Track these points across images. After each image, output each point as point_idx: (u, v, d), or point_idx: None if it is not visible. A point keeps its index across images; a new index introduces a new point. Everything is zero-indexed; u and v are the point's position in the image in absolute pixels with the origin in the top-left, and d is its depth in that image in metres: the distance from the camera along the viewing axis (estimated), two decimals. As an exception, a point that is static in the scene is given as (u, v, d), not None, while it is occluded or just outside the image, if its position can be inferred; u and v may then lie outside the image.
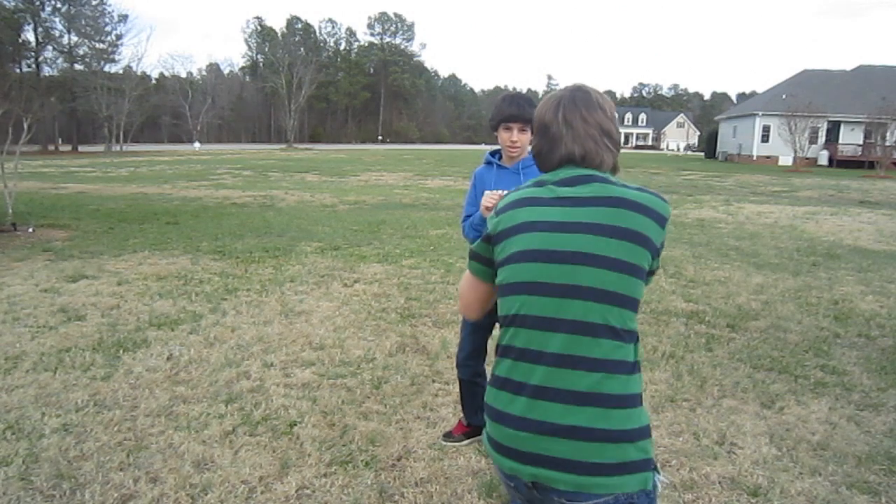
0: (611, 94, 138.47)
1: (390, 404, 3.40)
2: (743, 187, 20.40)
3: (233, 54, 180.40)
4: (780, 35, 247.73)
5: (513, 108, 2.48)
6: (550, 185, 1.36)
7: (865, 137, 37.53)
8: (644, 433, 1.28)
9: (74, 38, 50.88)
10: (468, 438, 2.96)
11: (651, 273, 1.36)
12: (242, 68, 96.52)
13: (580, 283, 1.26)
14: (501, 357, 1.36)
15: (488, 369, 2.71)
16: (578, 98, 1.39)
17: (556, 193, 1.33)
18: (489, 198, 2.35)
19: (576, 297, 1.26)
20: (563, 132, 1.38)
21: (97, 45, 51.49)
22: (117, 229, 9.16)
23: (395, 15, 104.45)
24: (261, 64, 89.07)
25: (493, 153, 2.70)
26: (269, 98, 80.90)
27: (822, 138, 39.25)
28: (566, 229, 1.29)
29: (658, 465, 1.37)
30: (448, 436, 3.01)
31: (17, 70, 47.64)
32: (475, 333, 2.82)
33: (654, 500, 1.31)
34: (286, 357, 4.05)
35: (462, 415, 3.02)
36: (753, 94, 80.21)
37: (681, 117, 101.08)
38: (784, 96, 39.34)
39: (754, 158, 40.60)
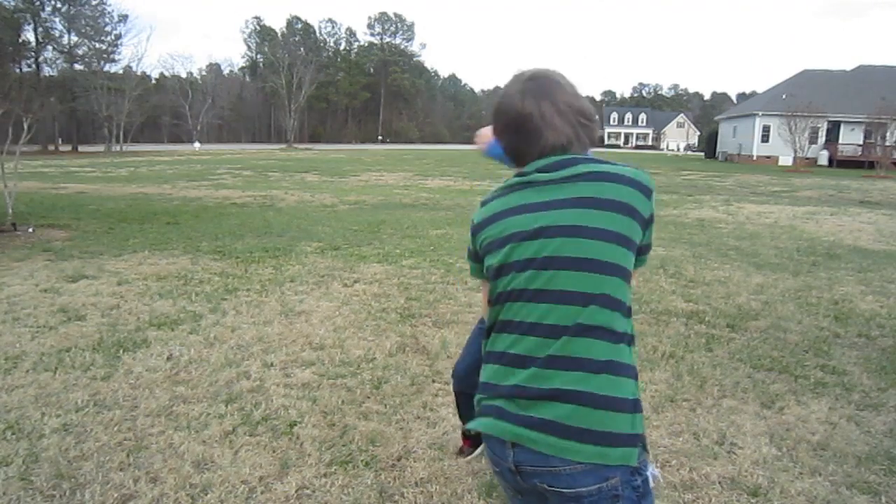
0: (611, 93, 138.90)
1: (390, 404, 3.40)
2: (743, 187, 20.40)
3: (233, 54, 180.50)
4: (780, 35, 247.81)
5: None
6: (531, 174, 1.32)
7: (865, 137, 37.55)
8: (631, 406, 1.24)
9: (74, 38, 50.92)
10: (478, 447, 2.90)
11: (644, 250, 1.34)
12: (242, 68, 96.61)
13: (570, 255, 1.25)
14: (497, 333, 1.35)
15: None
16: (543, 85, 1.33)
17: (540, 178, 1.30)
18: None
19: (566, 268, 1.25)
20: (540, 124, 1.31)
21: (97, 45, 51.52)
22: (117, 229, 9.16)
23: (395, 15, 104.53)
24: (261, 64, 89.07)
25: None
26: (269, 98, 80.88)
27: (822, 138, 39.26)
28: (552, 207, 1.27)
29: (648, 455, 1.32)
30: (461, 452, 2.93)
31: (17, 70, 47.65)
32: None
33: (644, 494, 1.25)
34: (286, 357, 4.05)
35: (462, 428, 2.95)
36: (753, 94, 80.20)
37: (681, 117, 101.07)
38: (784, 96, 39.36)
39: (754, 158, 40.60)
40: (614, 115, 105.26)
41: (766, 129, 40.70)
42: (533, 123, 1.31)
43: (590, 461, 1.20)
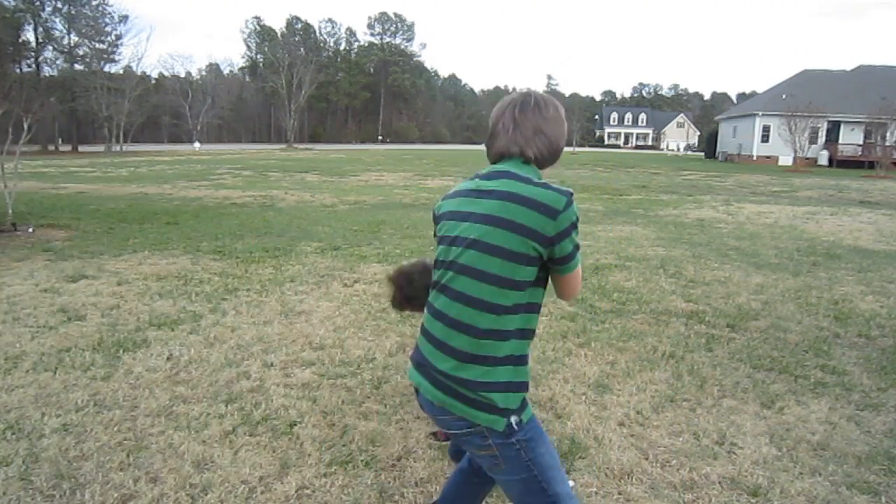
0: (611, 93, 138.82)
1: (390, 404, 3.40)
2: (743, 187, 20.41)
3: (233, 54, 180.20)
4: (780, 35, 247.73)
5: None
6: (476, 179, 1.69)
7: (865, 137, 37.55)
8: (503, 388, 1.58)
9: (74, 39, 50.88)
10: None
11: (560, 261, 1.59)
12: (242, 68, 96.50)
13: (465, 262, 1.60)
14: (426, 307, 1.77)
15: None
16: (520, 102, 1.67)
17: (475, 185, 1.67)
18: None
19: (462, 272, 1.61)
20: (501, 131, 1.67)
21: (97, 46, 51.47)
22: (117, 229, 9.16)
23: (395, 15, 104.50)
24: (261, 64, 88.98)
25: None
26: (269, 98, 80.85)
27: (822, 138, 39.26)
28: (467, 219, 1.63)
29: (518, 420, 1.62)
30: (435, 437, 3.01)
31: (17, 70, 47.60)
32: None
33: (514, 443, 1.60)
34: (286, 357, 4.05)
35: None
36: (753, 94, 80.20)
37: (681, 117, 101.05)
38: (784, 96, 39.35)
39: (754, 158, 40.60)
40: (614, 115, 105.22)
41: (766, 129, 40.69)
42: (497, 129, 1.69)
43: (461, 415, 1.61)
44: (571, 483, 2.64)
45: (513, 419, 1.61)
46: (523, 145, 1.65)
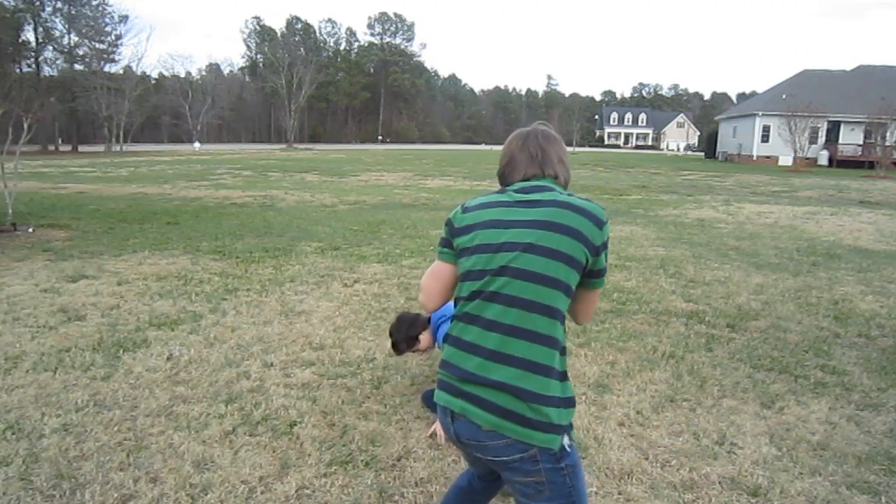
0: (611, 93, 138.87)
1: (390, 404, 3.40)
2: (743, 187, 20.41)
3: (233, 54, 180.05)
4: (780, 35, 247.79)
5: None
6: (510, 192, 1.69)
7: (865, 137, 37.56)
8: (557, 403, 1.54)
9: (74, 39, 50.90)
10: None
11: (597, 273, 1.63)
12: (242, 68, 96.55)
13: (520, 267, 1.55)
14: (460, 322, 1.65)
15: None
16: (542, 133, 1.77)
17: (514, 198, 1.66)
18: None
19: (517, 277, 1.55)
20: (525, 158, 1.74)
21: (97, 46, 51.47)
22: (117, 229, 9.16)
23: (395, 15, 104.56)
24: (261, 64, 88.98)
25: None
26: (269, 98, 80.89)
27: (822, 138, 39.26)
28: (515, 226, 1.59)
29: (570, 443, 1.59)
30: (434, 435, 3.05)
31: (17, 70, 47.62)
32: None
33: (563, 469, 1.56)
34: (286, 357, 4.05)
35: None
36: (753, 94, 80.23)
37: (681, 117, 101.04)
38: (784, 96, 39.37)
39: (754, 158, 40.61)
40: (614, 115, 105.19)
41: (766, 129, 40.70)
42: (520, 157, 1.75)
43: (515, 438, 1.51)
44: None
45: (565, 440, 1.57)
46: (554, 168, 1.74)
